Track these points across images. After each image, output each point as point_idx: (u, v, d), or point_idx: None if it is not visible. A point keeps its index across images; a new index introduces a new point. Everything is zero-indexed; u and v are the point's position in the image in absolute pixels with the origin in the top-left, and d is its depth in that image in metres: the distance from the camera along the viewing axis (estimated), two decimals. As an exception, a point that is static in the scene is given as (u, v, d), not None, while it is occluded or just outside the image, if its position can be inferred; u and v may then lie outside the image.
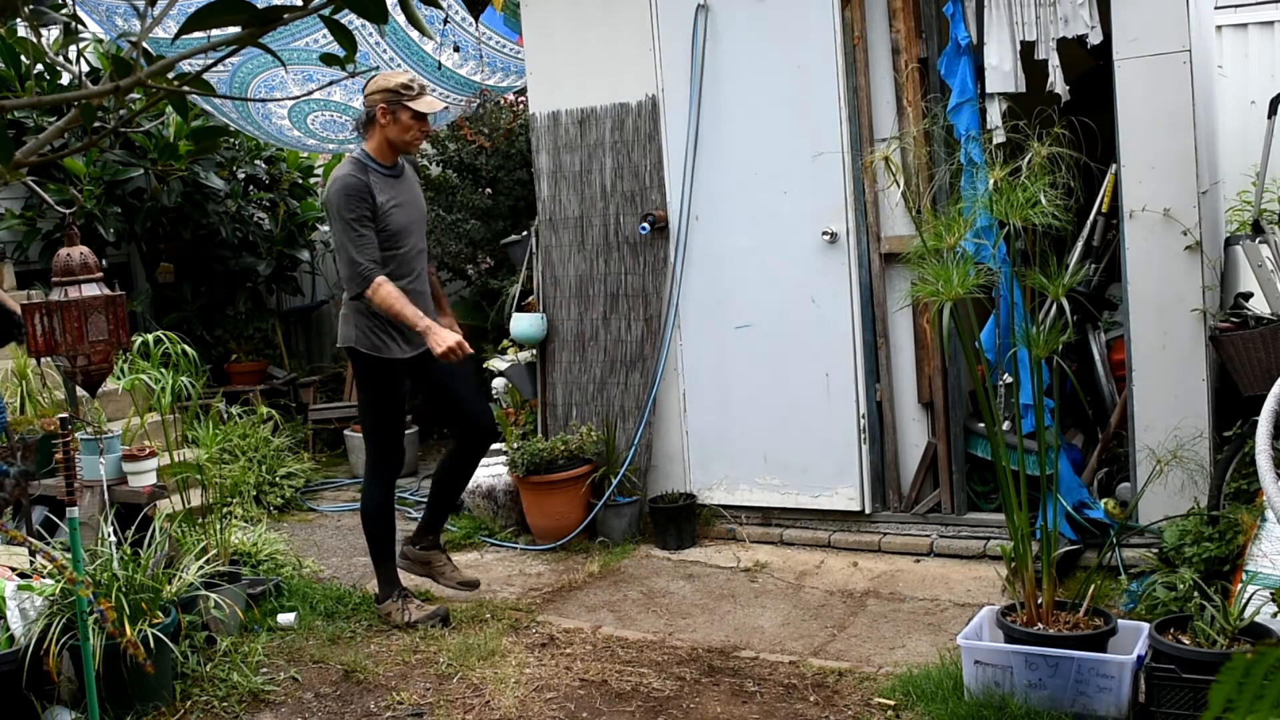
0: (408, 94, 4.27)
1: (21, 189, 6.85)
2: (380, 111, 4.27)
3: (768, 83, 5.01)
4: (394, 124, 4.28)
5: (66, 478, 3.24)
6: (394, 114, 4.27)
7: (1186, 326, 4.25)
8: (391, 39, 5.93)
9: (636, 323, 5.43)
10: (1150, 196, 4.27)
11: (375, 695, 3.79)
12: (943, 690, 3.42)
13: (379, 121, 4.29)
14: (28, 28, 2.02)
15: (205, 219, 7.48)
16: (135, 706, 3.62)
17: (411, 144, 4.37)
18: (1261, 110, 5.28)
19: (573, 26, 5.45)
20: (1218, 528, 3.85)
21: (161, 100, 1.58)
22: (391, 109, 4.26)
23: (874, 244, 4.88)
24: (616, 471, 5.26)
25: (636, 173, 5.37)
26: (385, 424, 4.51)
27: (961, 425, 4.80)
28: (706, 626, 4.27)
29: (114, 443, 4.46)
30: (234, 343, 7.88)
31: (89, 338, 3.07)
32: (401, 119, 4.28)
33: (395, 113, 4.27)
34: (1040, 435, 3.53)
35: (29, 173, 4.90)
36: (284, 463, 6.48)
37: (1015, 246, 3.94)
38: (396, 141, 4.32)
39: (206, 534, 4.47)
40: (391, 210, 4.29)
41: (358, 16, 1.34)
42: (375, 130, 4.31)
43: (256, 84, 6.28)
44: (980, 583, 4.46)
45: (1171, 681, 3.09)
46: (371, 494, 4.51)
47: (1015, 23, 4.50)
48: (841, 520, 5.06)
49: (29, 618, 3.63)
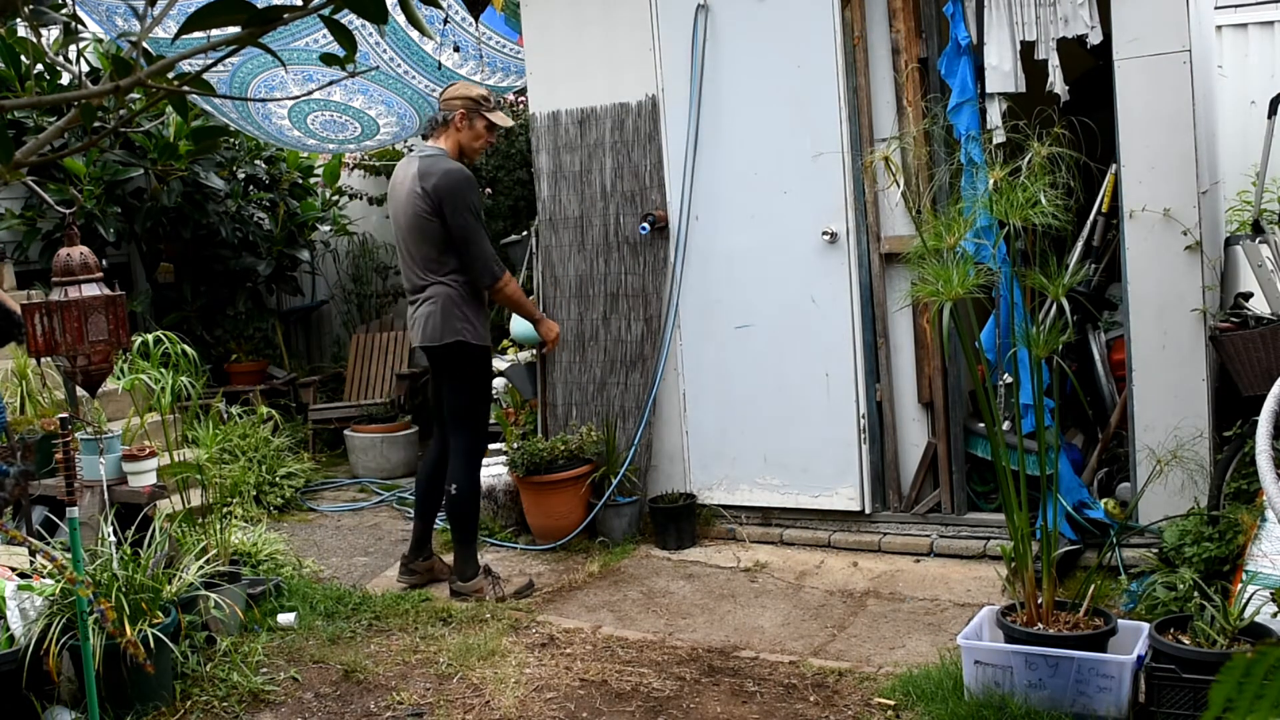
0: (486, 105, 4.66)
1: (21, 189, 6.85)
2: (459, 116, 4.60)
3: (768, 83, 5.01)
4: (469, 130, 4.63)
5: (66, 478, 3.24)
6: (470, 121, 4.63)
7: (1186, 326, 4.25)
8: (391, 39, 5.93)
9: (636, 323, 5.43)
10: (1150, 196, 4.27)
11: (375, 695, 3.79)
12: (943, 690, 3.42)
13: (455, 125, 4.61)
14: (28, 28, 2.02)
15: (205, 219, 7.48)
16: (135, 706, 3.62)
17: (477, 151, 4.73)
18: (1261, 110, 5.28)
19: (573, 26, 5.45)
20: (1218, 528, 3.85)
21: (161, 100, 1.58)
22: (470, 116, 4.62)
23: (874, 244, 4.88)
24: (616, 471, 5.26)
25: (636, 173, 5.37)
26: (486, 410, 4.81)
27: (961, 425, 4.80)
28: (706, 626, 4.27)
29: (114, 443, 4.46)
30: (234, 343, 7.88)
31: (89, 338, 3.07)
32: (476, 126, 4.64)
33: (472, 120, 4.63)
34: (1040, 435, 3.53)
35: (29, 173, 4.90)
36: (284, 463, 6.48)
37: (1015, 246, 3.94)
38: (466, 147, 4.65)
39: (206, 534, 4.47)
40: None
41: (358, 16, 1.34)
42: (448, 132, 4.62)
43: (256, 84, 6.28)
44: (980, 583, 4.46)
45: (1171, 681, 3.09)
46: (471, 477, 4.71)
47: (1015, 23, 4.50)
48: (841, 520, 5.06)
49: (29, 618, 3.63)
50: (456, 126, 4.60)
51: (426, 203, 4.46)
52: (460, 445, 4.68)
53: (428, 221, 4.49)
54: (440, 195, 4.44)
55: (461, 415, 4.69)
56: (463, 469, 4.68)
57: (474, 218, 4.49)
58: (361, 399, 7.64)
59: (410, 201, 4.50)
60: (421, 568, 4.86)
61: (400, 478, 6.91)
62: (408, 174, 4.57)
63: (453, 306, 4.53)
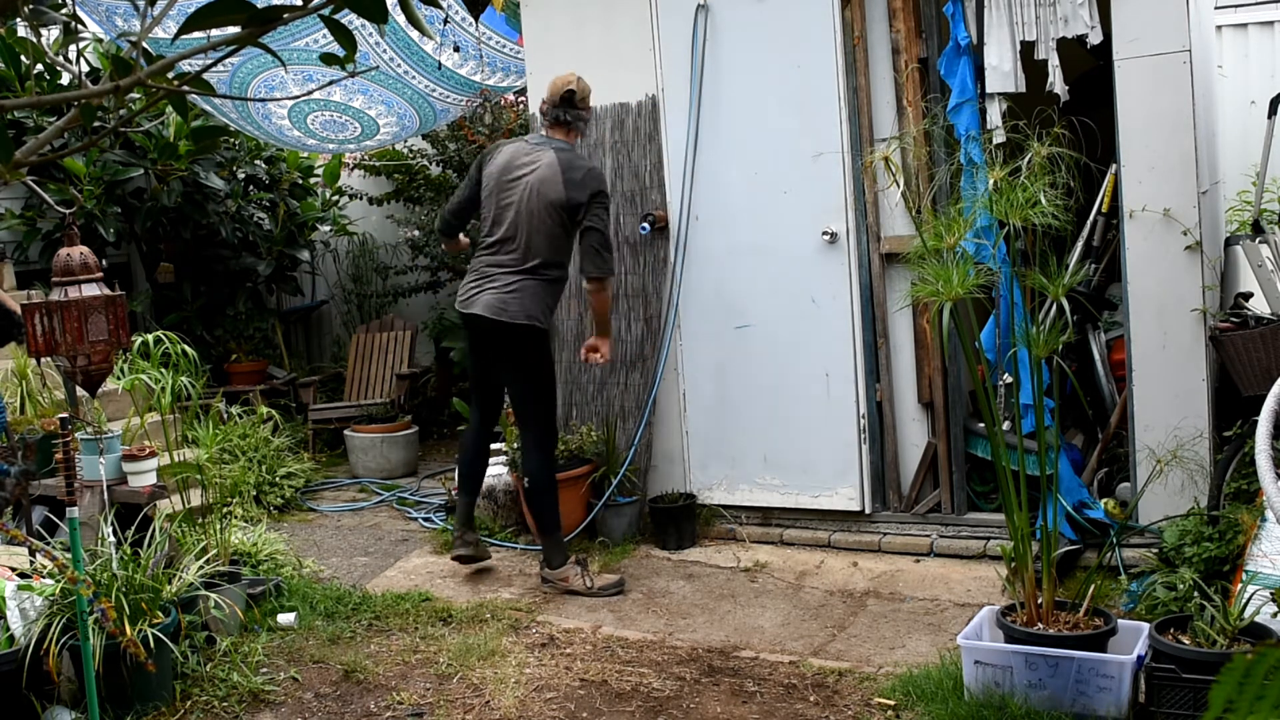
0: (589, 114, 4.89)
1: (21, 189, 6.85)
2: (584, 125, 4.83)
3: (768, 83, 5.01)
4: (583, 134, 4.90)
5: (66, 478, 3.24)
6: (587, 123, 4.87)
7: (1186, 326, 4.25)
8: (391, 39, 5.93)
9: (636, 323, 5.43)
10: (1150, 196, 4.27)
11: (375, 695, 3.79)
12: (943, 690, 3.42)
13: (580, 128, 4.80)
14: (28, 28, 2.01)
15: (205, 219, 7.48)
16: (135, 706, 3.62)
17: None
18: (1261, 110, 5.28)
19: (573, 26, 5.45)
20: (1218, 528, 3.85)
21: (161, 100, 1.58)
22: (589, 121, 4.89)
23: (874, 244, 4.88)
24: (616, 471, 5.25)
25: (636, 173, 5.37)
26: (554, 400, 4.85)
27: (961, 425, 4.80)
28: (706, 626, 4.27)
29: (114, 443, 4.46)
30: (234, 343, 7.88)
31: (89, 338, 3.07)
32: (585, 132, 4.91)
33: (589, 121, 4.91)
34: (1040, 435, 3.53)
35: (29, 173, 4.90)
36: (284, 463, 6.48)
37: (1015, 246, 3.94)
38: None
39: (206, 534, 4.47)
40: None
41: (358, 16, 1.34)
42: (571, 132, 4.77)
43: (256, 84, 6.28)
44: (980, 583, 4.46)
45: (1171, 681, 3.09)
46: (547, 465, 4.77)
47: (1015, 23, 4.50)
48: (841, 520, 5.06)
49: (29, 618, 3.63)
50: (581, 130, 4.81)
51: (570, 194, 4.57)
52: (531, 437, 4.73)
53: (561, 212, 4.59)
54: (588, 189, 4.60)
55: (530, 405, 4.73)
56: (536, 461, 4.73)
57: (605, 213, 4.68)
58: (361, 399, 7.64)
59: (550, 187, 4.58)
60: (473, 539, 4.89)
61: (400, 477, 6.91)
62: (542, 160, 4.64)
63: (542, 293, 4.64)
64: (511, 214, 4.65)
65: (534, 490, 4.75)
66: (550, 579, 4.73)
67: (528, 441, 4.75)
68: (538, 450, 4.73)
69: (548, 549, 4.76)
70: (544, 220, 4.60)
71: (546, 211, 4.58)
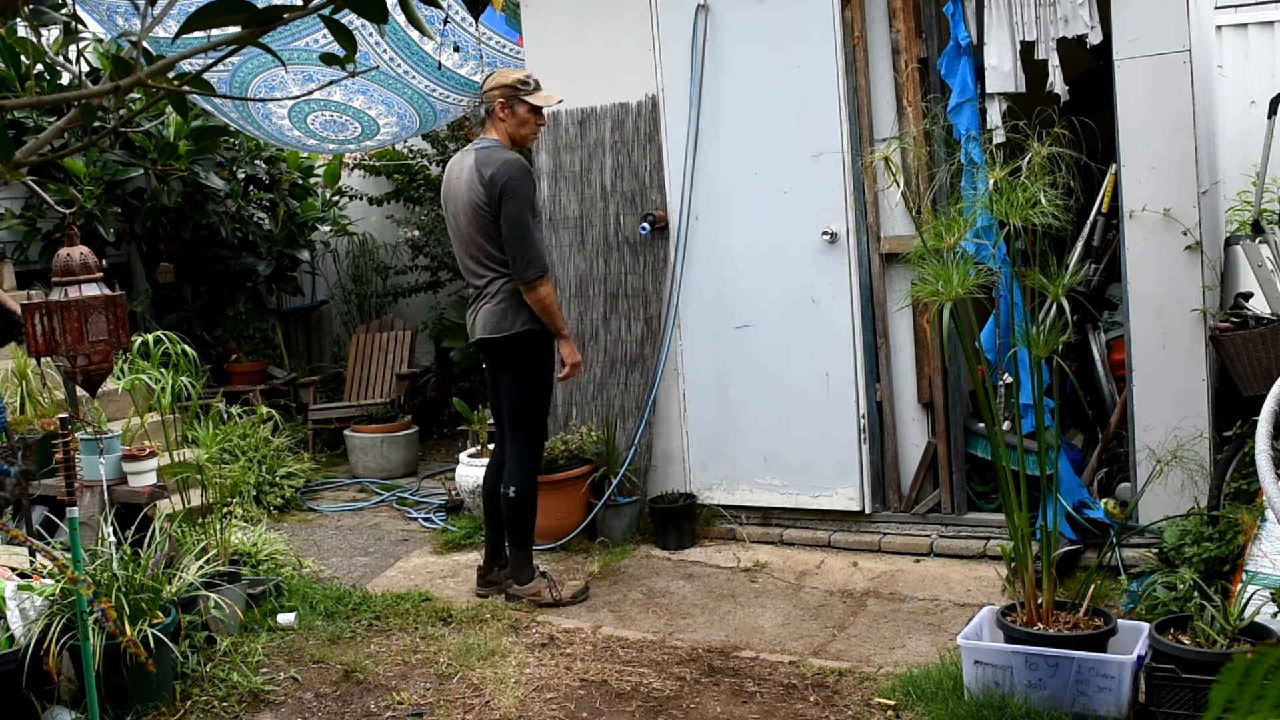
0: (524, 89, 4.48)
1: (21, 189, 6.85)
2: (499, 106, 4.47)
3: (768, 83, 5.01)
4: (512, 118, 4.48)
5: (66, 478, 3.24)
6: (512, 108, 4.47)
7: (1186, 326, 4.25)
8: (391, 39, 5.93)
9: (636, 323, 5.43)
10: (1150, 196, 4.27)
11: (375, 695, 3.79)
12: (943, 690, 3.42)
13: (497, 115, 4.48)
14: (28, 27, 2.02)
15: (205, 219, 7.48)
16: (135, 706, 3.62)
17: (529, 138, 4.58)
18: (1261, 110, 5.28)
19: (573, 26, 5.45)
20: (1218, 528, 3.85)
21: (161, 100, 1.58)
22: (510, 104, 4.47)
23: (874, 244, 4.88)
24: (616, 471, 5.25)
25: (636, 173, 5.37)
26: (545, 411, 4.69)
27: (961, 425, 4.80)
28: (706, 626, 4.27)
29: (114, 443, 4.46)
30: (234, 343, 7.88)
31: (89, 338, 3.07)
32: (519, 113, 4.48)
33: (513, 107, 4.47)
34: (1040, 435, 3.53)
35: (29, 173, 4.90)
36: (284, 463, 6.48)
37: (1015, 246, 3.94)
38: (515, 135, 4.51)
39: (206, 534, 4.47)
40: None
41: (358, 16, 1.34)
42: (494, 125, 4.51)
43: (256, 84, 6.28)
44: (980, 583, 4.46)
45: (1171, 681, 3.09)
46: (530, 479, 4.61)
47: (1015, 23, 4.50)
48: (841, 520, 5.06)
49: (29, 618, 3.63)
50: (499, 117, 4.47)
51: (486, 193, 4.36)
52: (518, 448, 4.57)
53: (487, 212, 4.37)
54: (498, 184, 4.34)
55: (519, 414, 4.56)
56: (520, 472, 4.56)
57: (527, 208, 4.39)
58: (361, 399, 7.64)
59: (470, 193, 4.40)
60: (497, 578, 4.73)
61: (400, 478, 6.91)
62: (464, 166, 4.47)
63: (520, 298, 4.42)
64: (457, 233, 4.52)
65: (512, 502, 4.56)
66: (518, 595, 4.58)
67: (514, 452, 4.58)
68: (522, 464, 4.57)
69: (515, 564, 4.60)
70: (480, 225, 4.41)
71: (477, 215, 4.40)
